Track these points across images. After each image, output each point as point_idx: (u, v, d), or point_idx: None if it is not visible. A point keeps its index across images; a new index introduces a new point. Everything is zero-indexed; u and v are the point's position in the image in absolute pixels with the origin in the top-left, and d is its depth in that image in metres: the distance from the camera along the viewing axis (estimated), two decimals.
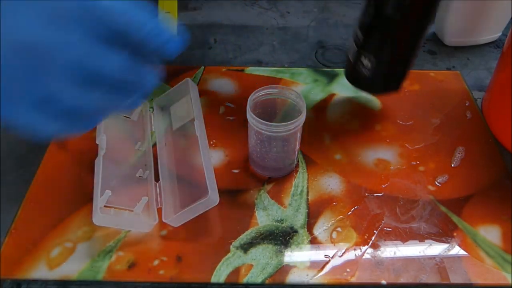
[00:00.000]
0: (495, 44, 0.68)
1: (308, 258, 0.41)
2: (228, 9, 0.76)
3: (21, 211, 0.45)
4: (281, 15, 0.74)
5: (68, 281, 0.40)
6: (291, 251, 0.42)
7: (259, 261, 0.41)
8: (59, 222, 0.44)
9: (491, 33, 0.67)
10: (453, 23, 0.62)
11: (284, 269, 0.41)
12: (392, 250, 0.42)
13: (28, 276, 0.40)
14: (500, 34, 0.67)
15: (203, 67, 0.62)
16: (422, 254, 0.42)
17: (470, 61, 0.65)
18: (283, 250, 0.42)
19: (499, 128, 0.53)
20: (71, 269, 0.40)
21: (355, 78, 0.53)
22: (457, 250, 0.42)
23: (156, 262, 0.41)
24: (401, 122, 0.55)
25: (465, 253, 0.42)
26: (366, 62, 0.49)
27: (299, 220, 0.44)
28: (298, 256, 0.42)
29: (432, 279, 0.40)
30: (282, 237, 0.43)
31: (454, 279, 0.40)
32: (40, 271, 0.40)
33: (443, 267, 0.41)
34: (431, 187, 0.48)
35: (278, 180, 0.48)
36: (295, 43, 0.69)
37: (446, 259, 0.41)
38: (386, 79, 0.52)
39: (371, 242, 0.43)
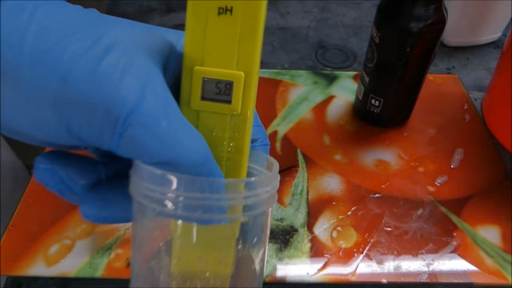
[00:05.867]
0: (495, 44, 0.68)
1: (308, 257, 0.41)
2: None
3: (20, 207, 0.44)
4: (281, 15, 0.74)
5: (67, 278, 0.40)
6: (291, 250, 0.42)
7: None
8: (57, 219, 0.44)
9: (491, 33, 0.67)
10: (452, 23, 0.62)
11: (284, 267, 0.40)
12: (392, 250, 0.42)
13: (26, 273, 0.40)
14: (500, 34, 0.67)
15: None
16: (422, 253, 0.42)
17: (470, 61, 0.65)
18: (283, 249, 0.42)
19: (498, 128, 0.53)
20: (70, 266, 0.40)
21: (364, 114, 0.54)
22: (457, 250, 0.42)
23: None
24: (400, 124, 0.55)
25: (465, 253, 0.42)
26: (374, 101, 0.51)
27: (299, 219, 0.44)
28: (298, 254, 0.41)
29: (432, 278, 0.40)
30: (282, 236, 0.43)
31: (454, 279, 0.40)
32: (38, 268, 0.40)
33: (443, 267, 0.41)
34: (430, 188, 0.48)
35: None
36: (295, 43, 0.69)
37: (446, 259, 0.41)
38: (394, 115, 0.53)
39: (371, 241, 0.43)
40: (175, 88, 0.19)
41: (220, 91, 0.18)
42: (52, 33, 0.16)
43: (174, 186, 0.18)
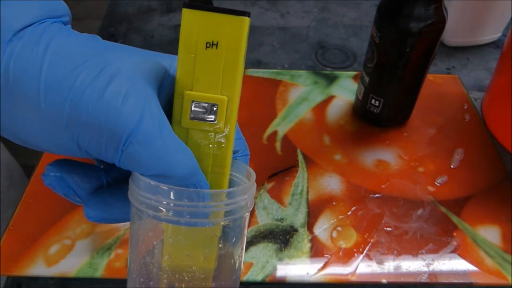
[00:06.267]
0: (495, 44, 0.68)
1: (308, 257, 0.41)
2: None
3: (20, 207, 0.44)
4: (281, 15, 0.74)
5: (67, 278, 0.40)
6: (291, 250, 0.42)
7: (259, 260, 0.41)
8: (58, 219, 0.44)
9: (491, 33, 0.67)
10: (452, 23, 0.62)
11: (284, 267, 0.40)
12: (392, 250, 0.42)
13: (26, 273, 0.40)
14: (500, 34, 0.67)
15: None
16: (422, 253, 0.42)
17: (470, 61, 0.65)
18: (283, 249, 0.42)
19: (498, 128, 0.53)
20: (70, 266, 0.40)
21: (364, 114, 0.54)
22: (457, 250, 0.42)
23: None
24: (400, 124, 0.55)
25: (465, 253, 0.42)
26: (374, 101, 0.51)
27: (299, 219, 0.44)
28: (298, 254, 0.41)
29: (432, 278, 0.40)
30: (282, 236, 0.43)
31: (454, 279, 0.40)
32: (38, 268, 0.40)
33: (443, 267, 0.41)
34: (430, 188, 0.48)
35: (278, 179, 0.48)
36: (295, 43, 0.69)
37: (446, 259, 0.41)
38: (394, 115, 0.53)
39: (371, 241, 0.43)
40: (168, 107, 0.22)
41: (206, 112, 0.22)
42: (64, 64, 0.19)
43: (166, 195, 0.21)
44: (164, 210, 0.21)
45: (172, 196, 0.21)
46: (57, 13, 0.20)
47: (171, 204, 0.21)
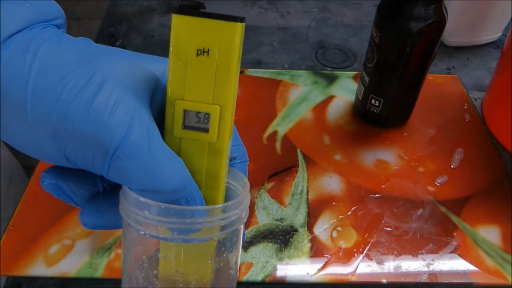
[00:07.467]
0: (495, 44, 0.68)
1: (308, 256, 0.41)
2: (228, 9, 0.76)
3: (20, 207, 0.44)
4: (281, 15, 0.74)
5: (67, 278, 0.40)
6: (291, 250, 0.42)
7: (259, 260, 0.41)
8: (57, 219, 0.44)
9: (491, 33, 0.67)
10: (453, 23, 0.62)
11: (284, 267, 0.40)
12: (392, 250, 0.42)
13: (26, 273, 0.40)
14: (500, 34, 0.67)
15: None
16: (422, 253, 0.42)
17: (470, 61, 0.65)
18: (283, 249, 0.42)
19: (499, 128, 0.53)
20: (69, 266, 0.40)
21: (364, 114, 0.54)
22: (457, 250, 0.42)
23: None
24: (400, 125, 0.55)
25: (465, 253, 0.42)
26: (374, 101, 0.51)
27: (299, 219, 0.44)
28: (298, 254, 0.41)
29: (432, 278, 0.40)
30: (282, 236, 0.43)
31: (454, 279, 0.40)
32: (38, 268, 0.40)
33: (443, 267, 0.41)
34: (430, 188, 0.48)
35: (278, 179, 0.48)
36: (295, 43, 0.68)
37: (446, 259, 0.41)
38: (394, 115, 0.53)
39: (371, 241, 0.43)
40: (161, 116, 0.22)
41: (199, 120, 0.21)
42: (51, 73, 0.18)
43: (155, 212, 0.20)
44: (153, 226, 0.21)
45: (161, 213, 0.20)
46: (49, 16, 0.20)
47: (160, 221, 0.20)
